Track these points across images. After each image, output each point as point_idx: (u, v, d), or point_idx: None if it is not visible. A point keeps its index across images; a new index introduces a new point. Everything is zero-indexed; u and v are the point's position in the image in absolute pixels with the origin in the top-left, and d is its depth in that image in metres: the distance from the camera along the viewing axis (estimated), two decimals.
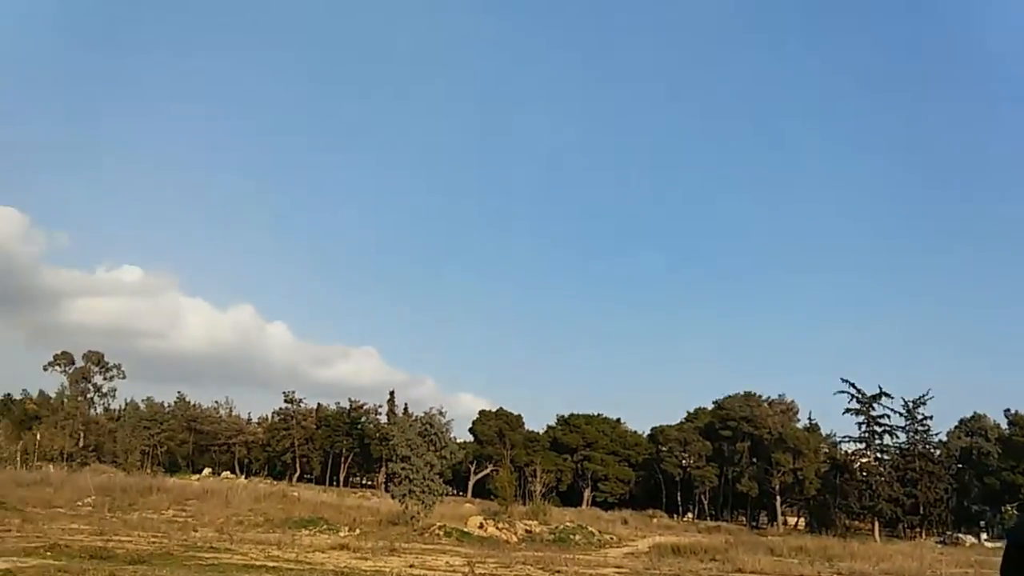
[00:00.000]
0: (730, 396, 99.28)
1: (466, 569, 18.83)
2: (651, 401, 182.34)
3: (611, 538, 41.03)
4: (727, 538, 46.38)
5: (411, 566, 21.01)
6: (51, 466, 77.49)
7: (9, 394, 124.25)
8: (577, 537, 38.17)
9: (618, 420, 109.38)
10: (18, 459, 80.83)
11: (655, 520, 73.36)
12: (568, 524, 42.20)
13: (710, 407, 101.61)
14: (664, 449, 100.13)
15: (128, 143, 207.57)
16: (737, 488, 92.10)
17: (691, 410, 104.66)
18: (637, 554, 33.75)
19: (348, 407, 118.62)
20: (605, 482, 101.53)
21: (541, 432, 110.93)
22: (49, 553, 17.87)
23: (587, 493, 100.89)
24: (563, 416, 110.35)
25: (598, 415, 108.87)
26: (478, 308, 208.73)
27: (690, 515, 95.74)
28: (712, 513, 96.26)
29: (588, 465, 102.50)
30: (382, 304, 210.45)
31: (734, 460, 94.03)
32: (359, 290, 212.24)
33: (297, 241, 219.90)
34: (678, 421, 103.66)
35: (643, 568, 26.09)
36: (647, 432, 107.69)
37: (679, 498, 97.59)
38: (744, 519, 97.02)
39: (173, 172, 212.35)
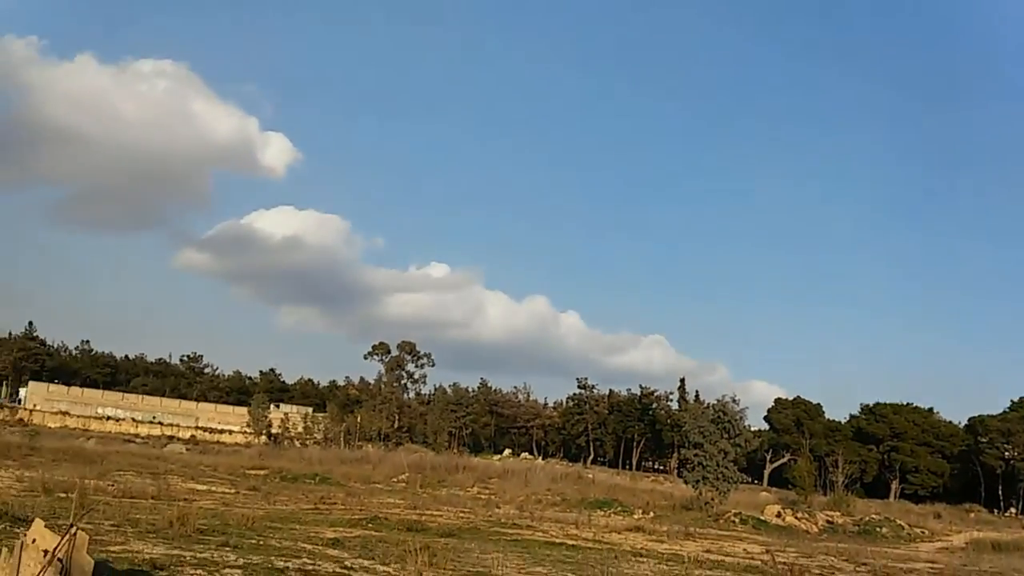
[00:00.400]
0: None
1: (765, 557, 18.38)
2: (967, 389, 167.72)
3: (922, 532, 38.22)
4: None
5: (707, 551, 20.87)
6: (370, 445, 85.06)
7: (334, 381, 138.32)
8: (884, 530, 35.95)
9: (930, 409, 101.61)
10: (342, 439, 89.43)
11: (972, 515, 67.17)
12: (874, 516, 39.82)
13: None
14: (984, 440, 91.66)
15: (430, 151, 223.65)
16: None
17: (1015, 399, 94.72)
18: (952, 549, 31.20)
19: (639, 393, 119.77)
20: (915, 474, 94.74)
21: (843, 421, 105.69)
22: (370, 524, 19.63)
23: (895, 485, 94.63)
24: (867, 405, 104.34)
25: (907, 404, 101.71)
26: (767, 292, 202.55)
27: (1013, 510, 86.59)
28: None
29: (896, 456, 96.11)
30: (671, 293, 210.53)
31: None
32: (647, 281, 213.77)
33: (585, 235, 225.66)
34: (1001, 411, 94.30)
35: (960, 564, 24.08)
36: (963, 422, 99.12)
37: (1000, 492, 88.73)
38: None
39: (470, 175, 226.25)
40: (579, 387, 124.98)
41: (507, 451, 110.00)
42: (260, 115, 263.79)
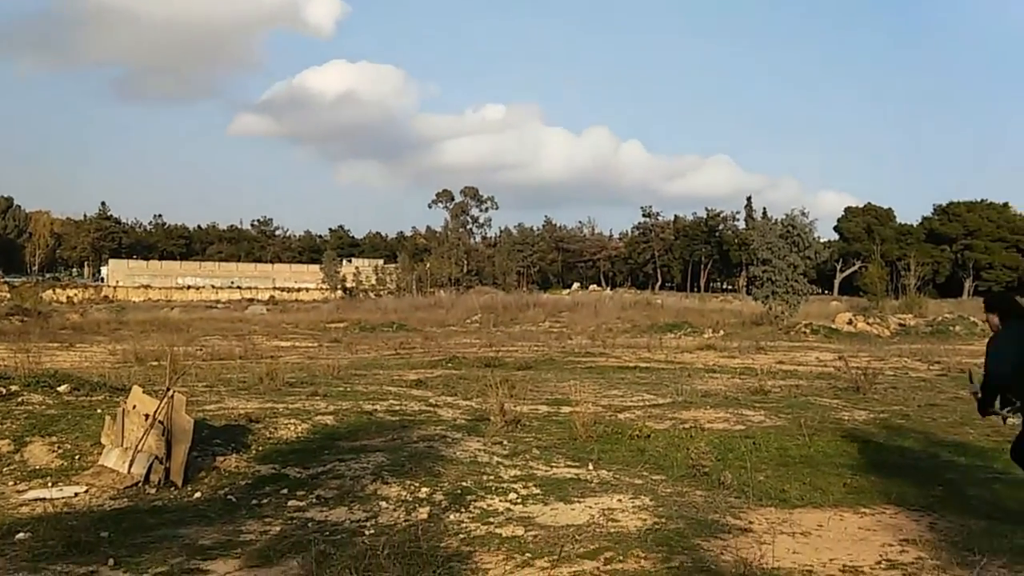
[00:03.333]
0: None
1: (838, 363, 18.64)
2: None
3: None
4: None
5: (780, 362, 21.21)
6: (441, 291, 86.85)
7: (402, 232, 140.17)
8: (957, 328, 35.89)
9: (1005, 204, 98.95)
10: (414, 287, 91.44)
11: None
12: (947, 315, 39.69)
13: None
14: None
15: None
16: None
17: None
18: None
19: (705, 216, 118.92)
20: (989, 271, 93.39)
21: (915, 224, 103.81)
22: (449, 364, 20.33)
23: (968, 284, 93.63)
24: (940, 205, 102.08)
25: (981, 201, 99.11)
26: (831, 96, 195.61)
27: None
28: None
29: (969, 255, 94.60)
30: (733, 111, 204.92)
31: None
32: (707, 100, 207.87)
33: (642, 60, 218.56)
34: None
35: None
36: None
37: None
38: None
39: (520, 8, 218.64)
40: (644, 215, 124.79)
41: (575, 285, 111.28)
42: None
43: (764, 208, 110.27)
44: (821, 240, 60.73)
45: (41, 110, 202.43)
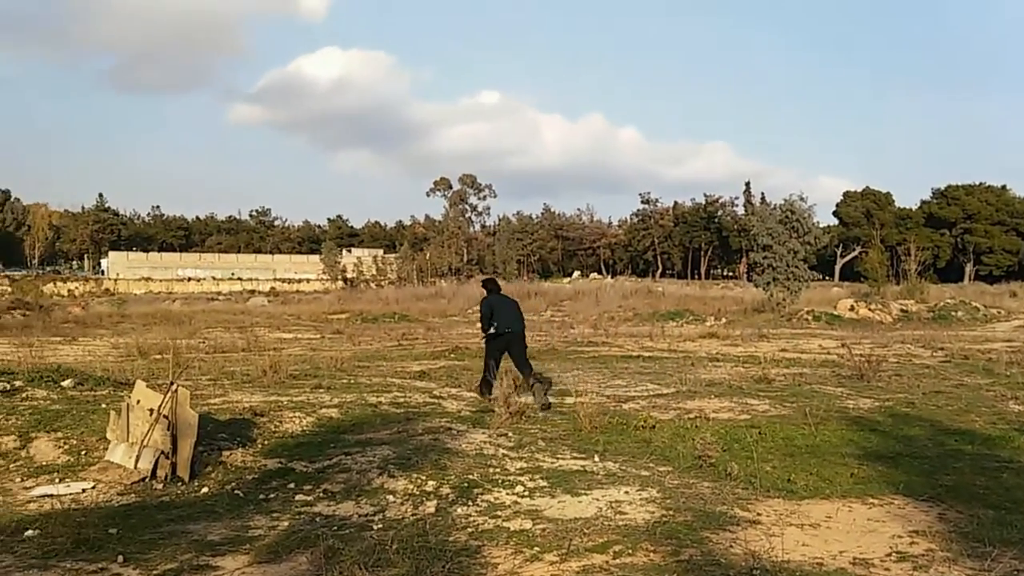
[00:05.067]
0: None
1: (842, 350, 18.61)
2: None
3: (998, 312, 38.04)
4: None
5: (783, 350, 21.18)
6: (442, 281, 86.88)
7: (400, 221, 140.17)
8: (959, 313, 35.87)
9: (1003, 187, 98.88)
10: (415, 277, 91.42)
11: None
12: (948, 300, 39.65)
13: None
14: None
15: None
16: None
17: None
18: None
19: (704, 202, 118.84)
20: (989, 255, 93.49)
21: (914, 208, 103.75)
22: (452, 355, 20.30)
23: (968, 268, 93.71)
24: (939, 189, 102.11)
25: (980, 184, 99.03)
26: (828, 85, 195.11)
27: None
28: None
29: (969, 239, 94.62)
30: (729, 96, 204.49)
31: None
32: (702, 84, 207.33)
33: (637, 45, 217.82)
34: None
35: None
36: None
37: None
38: None
39: None
40: (642, 202, 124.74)
41: (576, 273, 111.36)
42: None
43: (763, 193, 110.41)
44: (820, 225, 60.75)
45: (35, 101, 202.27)
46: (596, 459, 8.41)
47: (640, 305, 43.89)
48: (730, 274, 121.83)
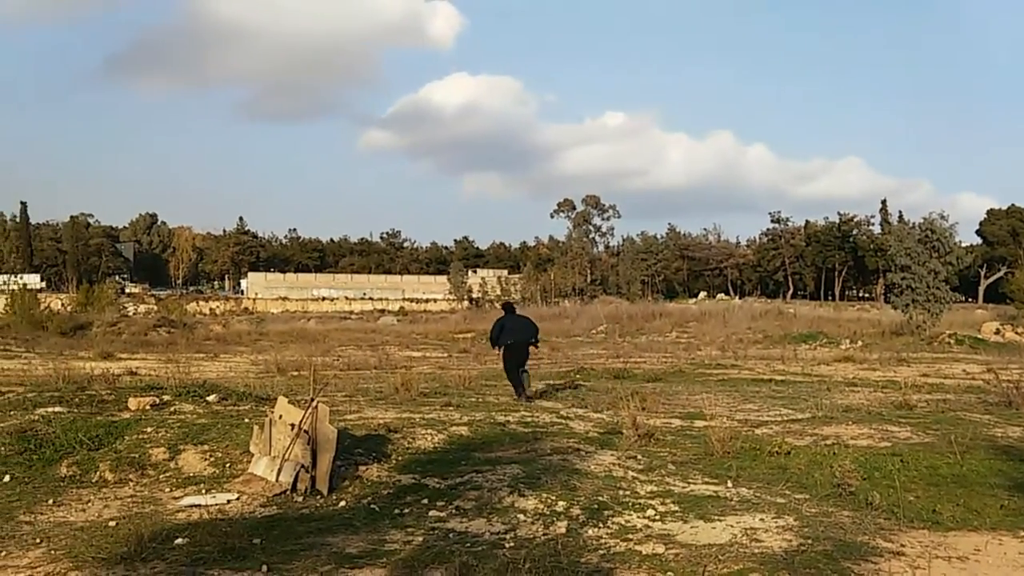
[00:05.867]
0: None
1: (988, 376, 17.65)
2: None
3: None
4: None
5: (924, 375, 20.27)
6: (566, 301, 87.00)
7: (524, 242, 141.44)
8: None
9: None
10: (538, 297, 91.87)
11: None
12: None
13: None
14: None
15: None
16: None
17: None
18: None
19: (838, 221, 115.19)
20: None
21: None
22: (577, 375, 20.30)
23: None
24: None
25: None
26: (969, 100, 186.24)
27: None
28: None
29: None
30: (864, 110, 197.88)
31: None
32: (836, 99, 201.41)
33: (766, 61, 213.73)
34: None
35: None
36: None
37: None
38: None
39: (638, 15, 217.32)
40: (772, 221, 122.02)
41: (702, 294, 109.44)
42: None
43: (900, 212, 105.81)
44: (963, 245, 57.95)
45: (180, 130, 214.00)
46: (729, 484, 8.24)
47: (770, 327, 42.76)
48: (866, 295, 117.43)
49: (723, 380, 19.27)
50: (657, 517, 7.04)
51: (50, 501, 7.67)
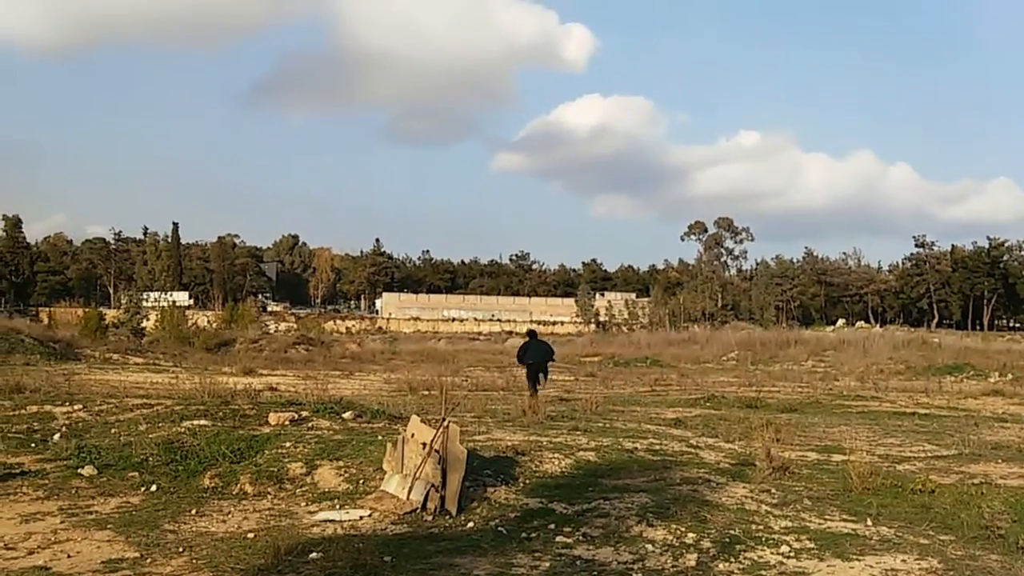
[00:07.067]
0: None
1: None
2: None
3: None
4: None
5: None
6: (696, 326, 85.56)
7: (653, 265, 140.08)
8: None
9: None
10: (667, 321, 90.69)
11: None
12: None
13: None
14: None
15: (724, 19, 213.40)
16: None
17: None
18: None
19: (987, 246, 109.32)
20: None
21: None
22: (708, 403, 19.89)
23: None
24: None
25: None
26: None
27: None
28: None
29: None
30: (1016, 128, 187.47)
31: None
32: (984, 117, 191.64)
33: (911, 79, 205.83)
34: None
35: None
36: None
37: None
38: None
39: (773, 32, 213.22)
40: (916, 245, 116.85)
41: (840, 321, 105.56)
42: (558, 8, 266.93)
43: None
44: None
45: (320, 152, 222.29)
46: (868, 522, 7.90)
47: (913, 357, 40.86)
48: (1017, 325, 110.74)
49: (862, 412, 18.55)
50: (792, 554, 6.81)
51: (193, 511, 8.05)
